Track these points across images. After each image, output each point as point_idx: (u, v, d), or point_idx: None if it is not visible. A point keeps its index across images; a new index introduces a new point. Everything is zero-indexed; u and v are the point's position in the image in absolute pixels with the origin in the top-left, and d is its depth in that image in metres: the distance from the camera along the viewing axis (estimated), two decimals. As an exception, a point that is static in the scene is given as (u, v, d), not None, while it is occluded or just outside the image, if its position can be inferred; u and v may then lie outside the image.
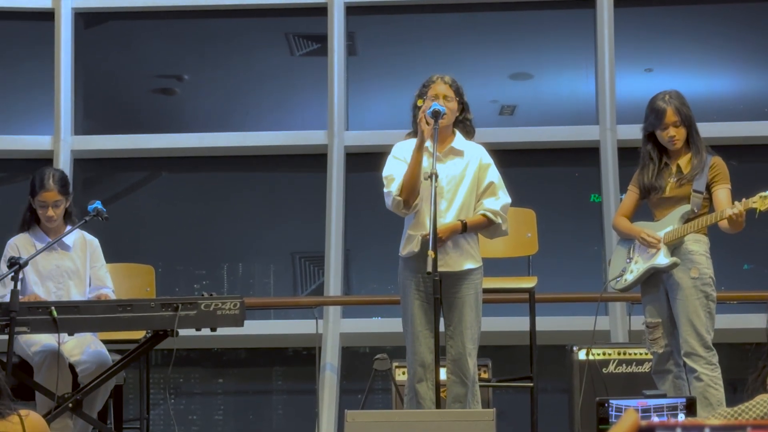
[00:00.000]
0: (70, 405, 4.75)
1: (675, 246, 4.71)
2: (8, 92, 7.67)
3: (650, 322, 4.79)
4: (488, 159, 4.78)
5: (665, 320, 4.75)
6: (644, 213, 4.95)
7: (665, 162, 4.80)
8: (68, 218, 5.21)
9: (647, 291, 4.82)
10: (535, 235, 5.72)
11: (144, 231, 7.54)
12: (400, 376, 5.45)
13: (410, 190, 4.59)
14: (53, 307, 4.63)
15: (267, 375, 7.41)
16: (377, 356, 5.44)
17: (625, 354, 5.46)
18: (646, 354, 5.21)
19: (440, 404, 4.49)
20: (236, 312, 4.72)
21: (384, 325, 6.79)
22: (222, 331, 4.80)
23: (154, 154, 7.40)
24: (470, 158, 4.74)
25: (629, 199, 4.92)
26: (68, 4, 7.39)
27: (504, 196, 4.75)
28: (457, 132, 4.79)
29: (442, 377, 4.58)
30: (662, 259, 4.70)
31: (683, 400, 4.35)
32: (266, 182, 7.64)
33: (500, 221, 4.71)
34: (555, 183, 7.48)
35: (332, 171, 7.13)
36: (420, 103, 4.73)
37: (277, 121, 7.55)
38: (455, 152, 4.75)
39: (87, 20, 7.56)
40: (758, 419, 2.48)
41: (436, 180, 4.42)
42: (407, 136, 4.82)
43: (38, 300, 4.99)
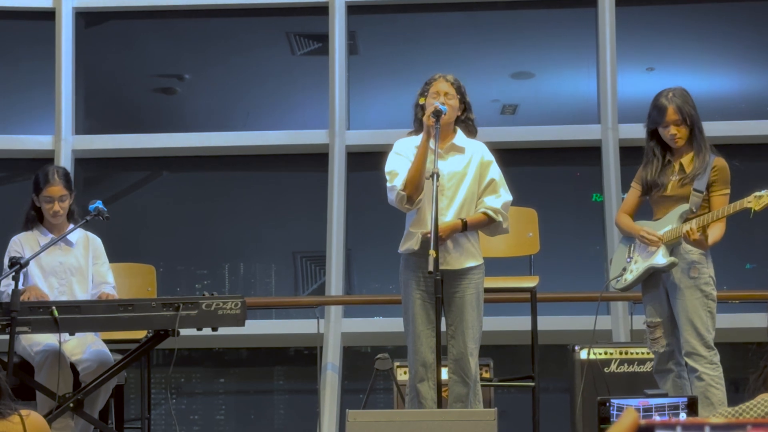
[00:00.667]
0: (71, 405, 4.75)
1: (674, 245, 4.70)
2: (9, 92, 7.67)
3: (651, 322, 4.79)
4: (490, 156, 4.78)
5: (666, 320, 4.74)
6: (646, 212, 4.94)
7: (668, 159, 4.79)
8: (71, 217, 5.24)
9: (647, 290, 4.82)
10: (537, 235, 5.72)
11: (145, 231, 7.53)
12: (402, 376, 5.44)
13: (415, 186, 4.59)
14: (54, 307, 4.64)
15: (268, 375, 7.40)
16: (379, 356, 5.43)
17: (627, 353, 5.46)
18: (648, 353, 5.20)
19: (441, 404, 4.48)
20: (237, 312, 4.72)
21: (385, 325, 6.79)
22: (223, 331, 4.81)
23: (155, 154, 7.40)
24: (471, 155, 4.74)
25: (632, 197, 4.91)
26: (69, 4, 7.39)
27: (505, 194, 4.75)
28: (459, 129, 4.79)
29: (444, 377, 4.57)
30: (660, 259, 4.69)
31: (685, 400, 4.34)
32: (267, 182, 7.64)
33: (501, 219, 4.71)
34: (556, 182, 7.47)
35: (333, 170, 7.13)
36: (422, 101, 4.74)
37: (279, 121, 7.54)
38: (456, 149, 4.75)
39: (88, 20, 7.56)
40: (759, 418, 2.48)
41: (438, 179, 4.42)
42: (408, 135, 4.82)
43: (40, 293, 5.00)
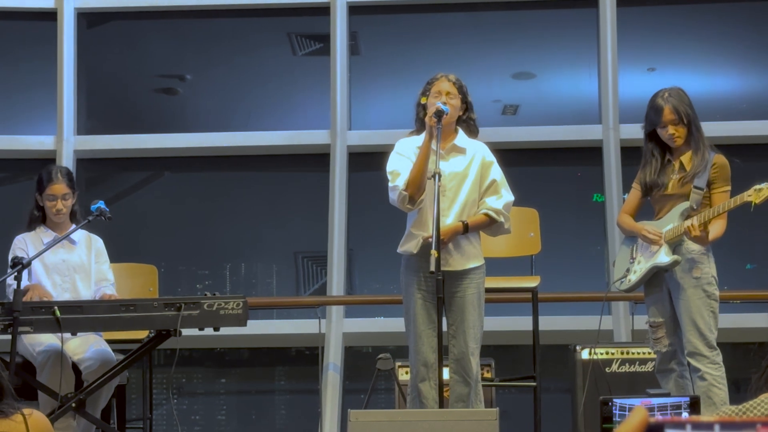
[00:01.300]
0: (74, 405, 4.75)
1: (676, 244, 4.70)
2: (11, 92, 7.67)
3: (653, 322, 4.79)
4: (491, 156, 4.78)
5: (668, 320, 4.74)
6: (648, 212, 4.94)
7: (668, 159, 4.79)
8: (73, 217, 5.25)
9: (650, 291, 4.82)
10: (538, 235, 5.72)
11: (146, 231, 7.54)
12: (403, 376, 5.44)
13: (417, 186, 4.59)
14: (56, 307, 4.64)
15: (270, 375, 7.41)
16: (380, 356, 5.43)
17: (628, 353, 5.46)
18: (649, 353, 5.21)
19: (443, 404, 4.48)
20: (239, 312, 4.72)
21: (387, 325, 6.79)
22: (225, 331, 4.81)
23: (157, 154, 7.40)
24: (473, 156, 4.75)
25: (633, 197, 4.91)
26: (71, 4, 7.39)
27: (507, 194, 4.75)
28: (460, 129, 4.79)
29: (445, 377, 4.57)
30: (663, 258, 4.69)
31: (687, 399, 4.35)
32: (269, 182, 7.64)
33: (502, 220, 4.71)
34: (558, 182, 7.47)
35: (335, 170, 7.13)
36: (424, 101, 4.74)
37: (280, 121, 7.55)
38: (457, 149, 4.75)
39: (89, 20, 7.56)
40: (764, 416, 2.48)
41: (440, 179, 4.42)
42: (410, 135, 4.82)
43: (44, 291, 5.01)
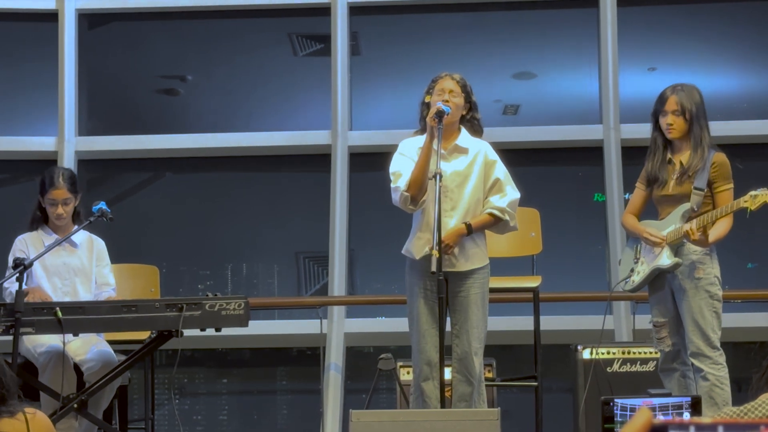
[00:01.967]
0: (75, 405, 4.75)
1: (678, 245, 4.70)
2: (12, 93, 7.67)
3: (657, 321, 4.80)
4: (494, 155, 4.78)
5: (671, 319, 4.75)
6: (652, 212, 4.94)
7: (669, 158, 4.80)
8: (77, 217, 5.24)
9: (654, 291, 4.82)
10: (539, 235, 5.72)
11: (148, 231, 7.54)
12: (405, 376, 5.44)
13: (418, 186, 4.59)
14: (58, 308, 4.64)
15: (271, 375, 7.41)
16: (382, 356, 5.44)
17: (630, 353, 5.46)
18: (651, 353, 5.21)
19: (445, 403, 4.48)
20: (240, 312, 4.72)
21: (388, 325, 6.79)
22: (226, 332, 4.81)
23: (158, 155, 7.41)
24: (475, 155, 4.74)
25: (637, 196, 4.91)
26: (72, 5, 7.39)
27: (512, 192, 4.74)
28: (463, 129, 4.79)
29: (447, 376, 4.57)
30: (665, 260, 4.69)
31: (688, 399, 4.35)
32: (270, 182, 7.64)
33: (507, 218, 4.70)
34: (559, 182, 7.47)
35: (336, 171, 7.13)
36: (427, 99, 4.74)
37: (281, 121, 7.55)
38: (460, 150, 4.74)
39: (90, 21, 7.57)
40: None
41: (441, 180, 4.42)
42: (414, 134, 4.82)
43: (43, 294, 5.01)
